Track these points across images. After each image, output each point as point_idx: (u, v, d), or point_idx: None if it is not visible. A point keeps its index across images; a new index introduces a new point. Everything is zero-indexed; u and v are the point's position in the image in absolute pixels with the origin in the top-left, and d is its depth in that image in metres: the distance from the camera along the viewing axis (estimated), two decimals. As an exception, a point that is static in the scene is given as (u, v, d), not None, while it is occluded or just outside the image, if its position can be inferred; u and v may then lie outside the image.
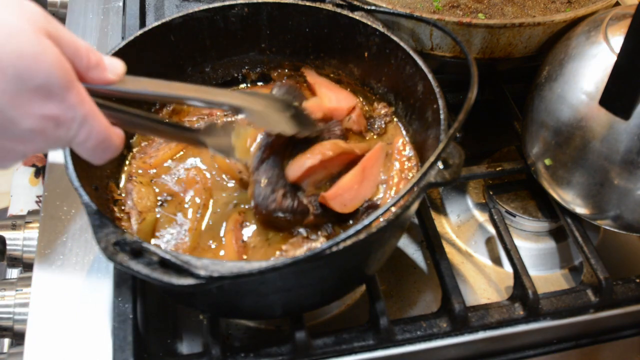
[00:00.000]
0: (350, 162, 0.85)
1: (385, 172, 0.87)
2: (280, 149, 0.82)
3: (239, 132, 0.80)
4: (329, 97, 0.92)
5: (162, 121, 0.76)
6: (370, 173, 0.85)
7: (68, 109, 0.54)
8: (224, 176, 0.86)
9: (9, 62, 0.50)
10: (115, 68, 0.62)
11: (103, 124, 0.59)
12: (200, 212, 0.82)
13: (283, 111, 0.81)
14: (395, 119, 0.94)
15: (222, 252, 0.78)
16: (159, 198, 0.83)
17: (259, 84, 1.02)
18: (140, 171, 0.87)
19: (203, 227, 0.81)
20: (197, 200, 0.83)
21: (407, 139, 0.91)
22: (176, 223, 0.81)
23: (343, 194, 0.80)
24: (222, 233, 0.80)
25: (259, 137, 0.82)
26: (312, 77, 0.99)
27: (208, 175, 0.87)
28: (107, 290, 0.82)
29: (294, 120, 0.80)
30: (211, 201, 0.84)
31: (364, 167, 0.84)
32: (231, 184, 0.86)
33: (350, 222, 0.80)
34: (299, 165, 0.80)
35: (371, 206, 0.81)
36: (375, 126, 0.92)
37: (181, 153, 0.90)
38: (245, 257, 0.78)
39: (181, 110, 0.96)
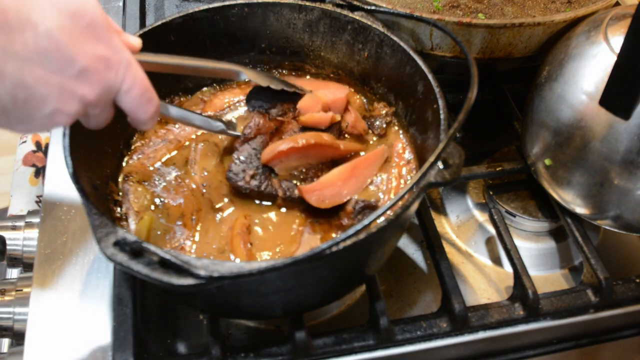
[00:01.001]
0: (335, 157, 0.86)
1: (384, 174, 0.87)
2: (267, 132, 0.86)
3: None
4: (323, 93, 0.92)
5: (188, 110, 0.83)
6: (361, 173, 0.85)
7: (115, 52, 0.58)
8: (220, 180, 0.87)
9: (64, 0, 0.54)
10: (133, 37, 0.68)
11: (143, 73, 0.62)
12: (195, 217, 0.82)
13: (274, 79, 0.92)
14: (395, 120, 0.94)
15: (231, 257, 0.78)
16: (155, 200, 0.83)
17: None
18: (138, 171, 0.86)
19: (200, 229, 0.81)
20: (193, 202, 0.83)
21: (406, 140, 0.91)
22: (174, 227, 0.81)
23: (322, 190, 0.80)
24: (226, 235, 0.80)
25: (252, 119, 0.87)
26: (291, 79, 0.99)
27: (203, 178, 0.87)
28: (107, 290, 0.82)
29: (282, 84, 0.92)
30: (209, 204, 0.84)
31: (355, 166, 0.84)
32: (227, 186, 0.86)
33: (345, 221, 0.81)
34: (271, 149, 0.83)
35: (369, 206, 0.81)
36: (376, 125, 0.92)
37: (174, 153, 0.90)
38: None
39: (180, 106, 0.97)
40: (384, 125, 0.92)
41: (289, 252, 0.79)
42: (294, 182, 0.83)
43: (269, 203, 0.83)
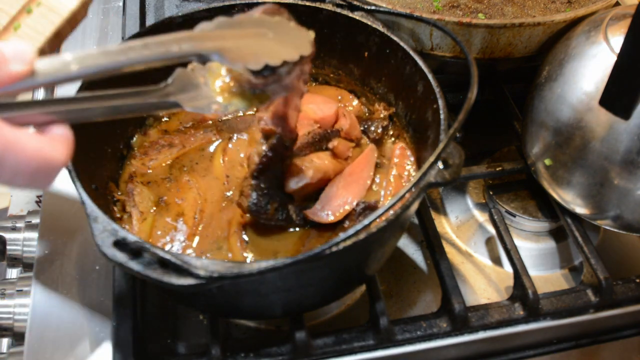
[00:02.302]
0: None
1: (384, 175, 0.87)
2: (283, 157, 0.80)
3: (213, 69, 0.63)
4: (312, 109, 0.92)
5: (116, 95, 0.57)
6: (359, 176, 0.85)
7: None
8: (220, 182, 0.87)
9: None
10: (21, 55, 0.49)
11: (30, 149, 0.48)
12: (198, 216, 0.82)
13: (263, 35, 0.64)
14: (392, 123, 0.94)
15: (229, 255, 0.78)
16: (159, 200, 0.83)
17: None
18: (140, 172, 0.87)
19: (202, 229, 0.81)
20: (195, 204, 0.83)
21: (406, 140, 0.91)
22: (176, 226, 0.81)
23: (328, 205, 0.80)
24: (225, 234, 0.80)
25: (267, 142, 0.77)
26: None
27: (204, 179, 0.87)
28: (107, 290, 0.82)
29: (279, 41, 0.64)
30: (208, 204, 0.84)
31: (351, 172, 0.84)
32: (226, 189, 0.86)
33: (347, 223, 0.81)
34: (297, 181, 0.80)
35: (369, 207, 0.81)
36: (371, 130, 0.92)
37: (178, 154, 0.90)
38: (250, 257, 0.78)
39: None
40: (379, 130, 0.91)
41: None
42: (302, 205, 0.82)
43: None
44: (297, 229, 0.81)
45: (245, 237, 0.79)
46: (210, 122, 0.95)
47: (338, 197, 0.81)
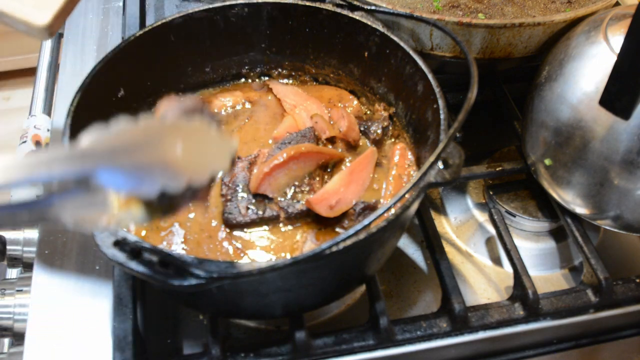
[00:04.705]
0: (320, 162, 0.86)
1: (384, 175, 0.87)
2: (242, 170, 0.84)
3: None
4: (301, 118, 0.92)
5: None
6: (359, 177, 0.85)
7: None
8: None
9: None
10: None
11: None
12: (194, 215, 0.82)
13: (170, 149, 0.50)
14: (393, 123, 0.94)
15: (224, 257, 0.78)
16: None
17: (265, 78, 1.02)
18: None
19: (199, 232, 0.81)
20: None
21: (406, 140, 0.91)
22: (171, 227, 0.81)
23: (329, 198, 0.80)
24: (221, 236, 0.80)
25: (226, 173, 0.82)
26: (277, 89, 0.99)
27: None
28: (107, 290, 0.82)
29: (189, 157, 0.50)
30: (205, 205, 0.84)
31: (352, 171, 0.84)
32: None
33: (346, 223, 0.80)
34: (256, 175, 0.81)
35: (369, 207, 0.81)
36: (371, 130, 0.92)
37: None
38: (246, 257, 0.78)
39: None
40: (379, 131, 0.91)
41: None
42: (292, 199, 0.82)
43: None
44: (290, 227, 0.81)
45: (239, 245, 0.79)
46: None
47: (338, 194, 0.81)
